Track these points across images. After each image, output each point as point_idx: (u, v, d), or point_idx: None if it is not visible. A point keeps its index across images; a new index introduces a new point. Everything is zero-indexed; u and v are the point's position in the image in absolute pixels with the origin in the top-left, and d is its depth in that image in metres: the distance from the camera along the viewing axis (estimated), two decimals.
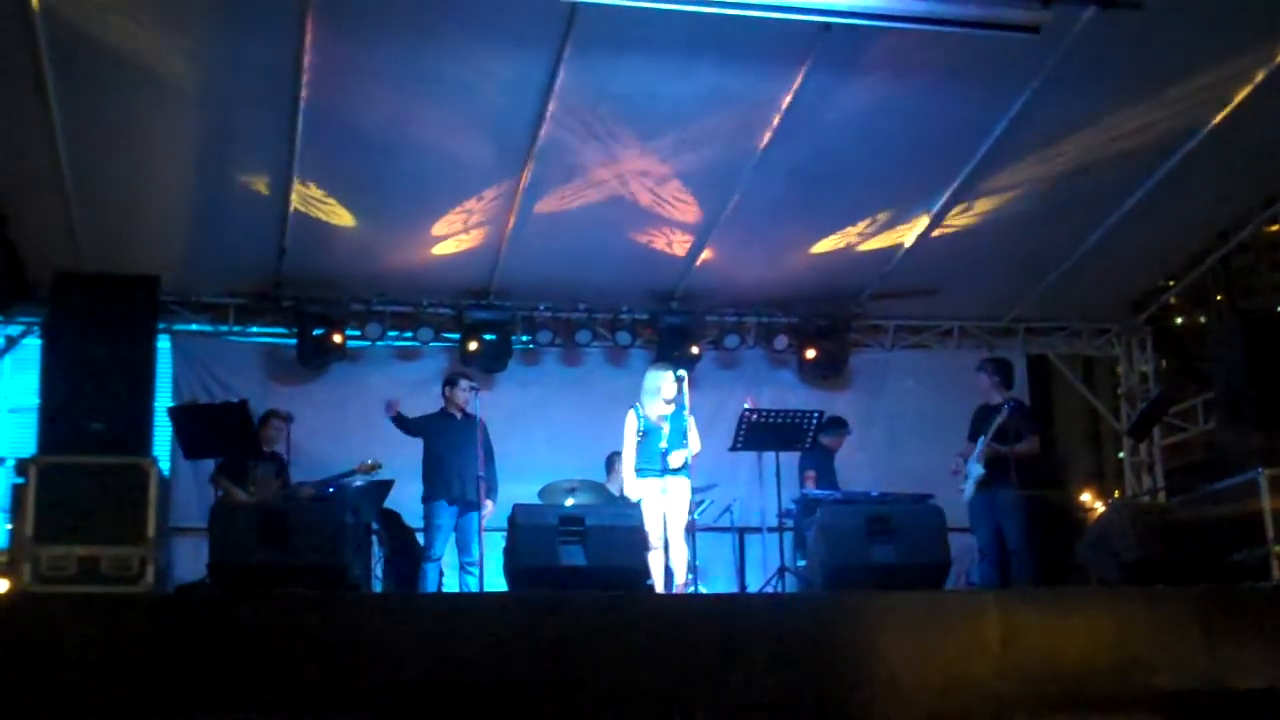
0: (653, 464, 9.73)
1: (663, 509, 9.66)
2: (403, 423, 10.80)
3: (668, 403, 9.83)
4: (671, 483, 9.66)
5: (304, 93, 9.58)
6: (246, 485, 10.39)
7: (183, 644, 6.95)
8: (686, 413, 9.89)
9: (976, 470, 10.36)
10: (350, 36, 9.23)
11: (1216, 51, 9.93)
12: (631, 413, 9.96)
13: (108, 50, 9.15)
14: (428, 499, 10.70)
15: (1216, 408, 11.89)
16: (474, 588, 10.28)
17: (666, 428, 9.74)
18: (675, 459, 9.67)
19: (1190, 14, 9.37)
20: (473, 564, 10.43)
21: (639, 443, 9.82)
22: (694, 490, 9.94)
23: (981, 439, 10.33)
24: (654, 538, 9.73)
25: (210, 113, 9.98)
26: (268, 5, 8.96)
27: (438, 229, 11.56)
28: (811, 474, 11.64)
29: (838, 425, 12.13)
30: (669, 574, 9.66)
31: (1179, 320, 15.33)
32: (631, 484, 9.81)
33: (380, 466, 10.83)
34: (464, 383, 10.95)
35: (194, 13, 9.06)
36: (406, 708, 6.93)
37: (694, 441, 9.88)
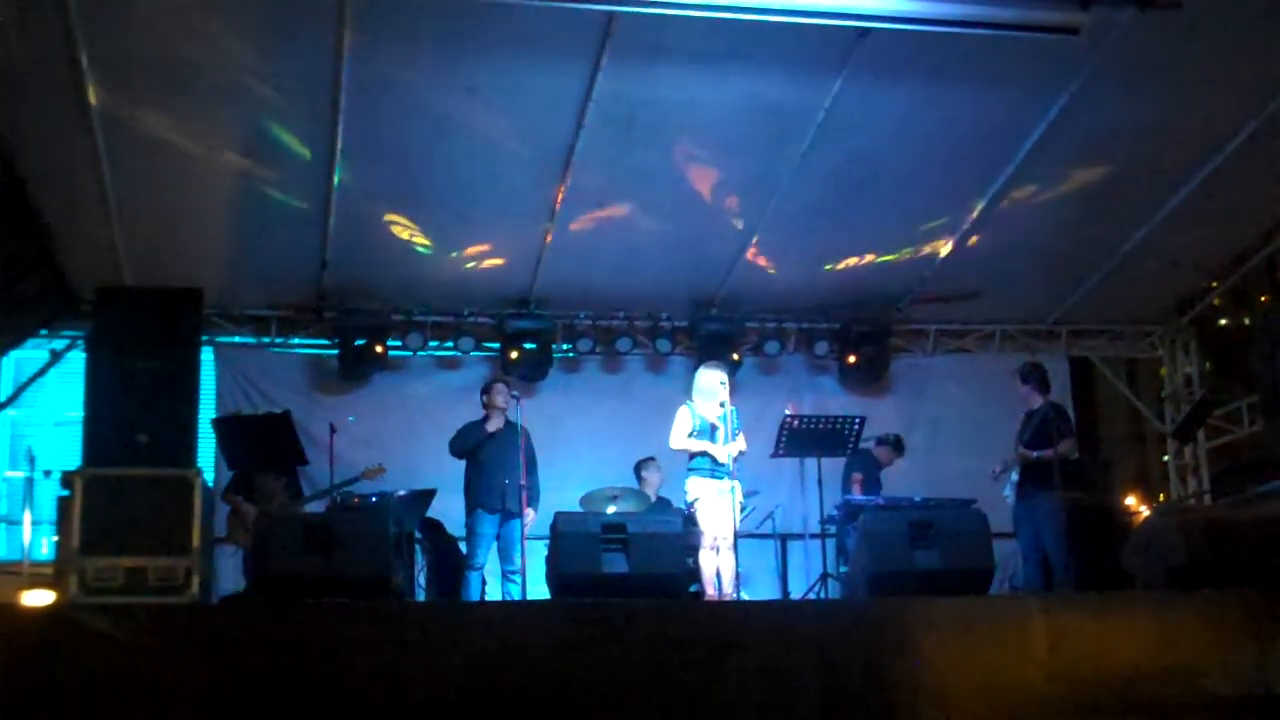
0: (712, 464, 9.76)
1: (719, 510, 9.68)
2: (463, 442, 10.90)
3: (721, 404, 9.86)
4: (731, 485, 9.75)
5: (343, 105, 9.63)
6: (255, 498, 10.45)
7: (228, 654, 6.98)
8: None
9: (1014, 475, 10.40)
10: (387, 49, 9.27)
11: (1256, 51, 9.82)
12: (685, 408, 10.00)
13: (149, 66, 9.24)
14: (470, 508, 10.72)
15: (1262, 409, 11.78)
16: (516, 596, 10.30)
17: (723, 429, 9.77)
18: (731, 449, 9.77)
19: (1229, 14, 9.31)
20: (515, 572, 10.44)
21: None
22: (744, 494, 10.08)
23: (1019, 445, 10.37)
24: (708, 538, 9.76)
25: (251, 126, 10.05)
26: (305, 18, 9.01)
27: (477, 239, 11.62)
28: (859, 477, 11.65)
29: (895, 443, 12.09)
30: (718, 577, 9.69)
31: (1223, 321, 15.12)
32: (681, 442, 9.92)
33: (384, 470, 10.84)
34: (500, 386, 10.98)
35: (233, 27, 9.12)
36: (450, 716, 6.93)
37: (741, 440, 9.91)
